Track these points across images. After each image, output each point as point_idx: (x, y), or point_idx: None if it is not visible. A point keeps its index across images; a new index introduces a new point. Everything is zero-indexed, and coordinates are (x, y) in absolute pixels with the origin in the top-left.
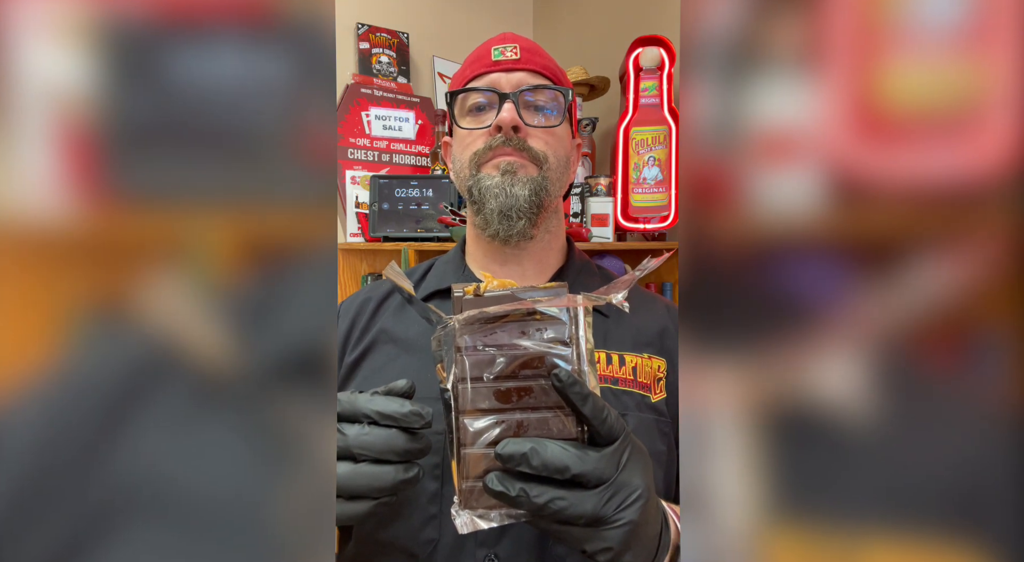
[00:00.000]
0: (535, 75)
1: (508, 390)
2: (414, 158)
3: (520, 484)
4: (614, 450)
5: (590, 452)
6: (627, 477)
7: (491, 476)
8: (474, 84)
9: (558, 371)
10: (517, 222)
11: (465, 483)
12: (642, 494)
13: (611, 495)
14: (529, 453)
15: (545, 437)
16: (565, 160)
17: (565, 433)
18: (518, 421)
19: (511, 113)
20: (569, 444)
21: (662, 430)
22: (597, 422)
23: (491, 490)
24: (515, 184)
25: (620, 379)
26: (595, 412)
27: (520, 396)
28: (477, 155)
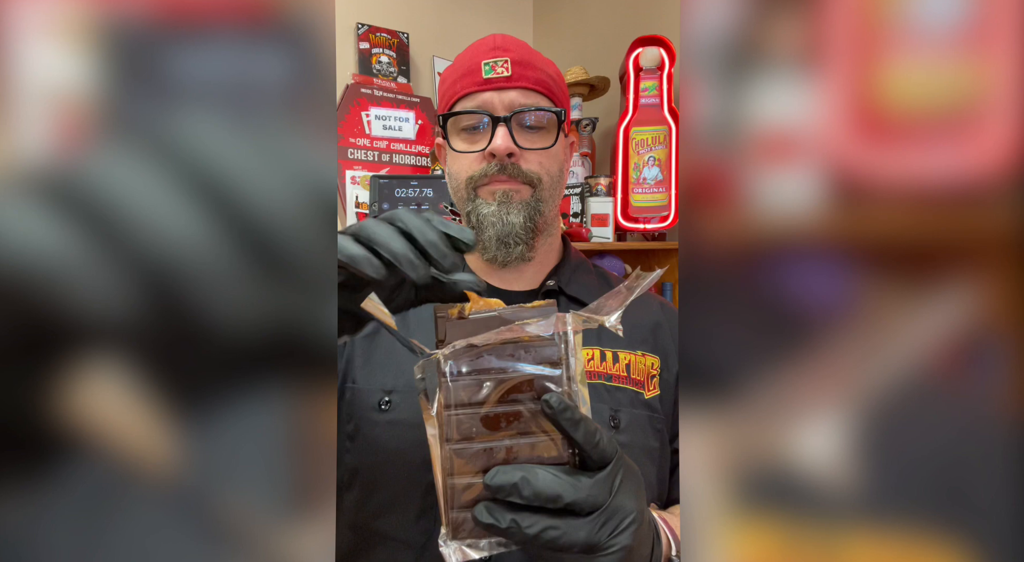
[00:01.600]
0: (528, 93)
1: (496, 416)
2: (414, 158)
3: (510, 515)
4: (607, 475)
5: (582, 479)
6: (620, 502)
7: (479, 508)
8: (465, 104)
9: (549, 397)
10: (515, 248)
11: (453, 513)
12: (636, 518)
13: (604, 521)
14: (520, 483)
15: (535, 463)
16: (558, 174)
17: (555, 457)
18: (507, 447)
19: (505, 140)
20: (560, 470)
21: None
22: (589, 447)
23: (481, 523)
24: (510, 212)
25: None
26: (587, 437)
27: (508, 422)
28: (473, 180)
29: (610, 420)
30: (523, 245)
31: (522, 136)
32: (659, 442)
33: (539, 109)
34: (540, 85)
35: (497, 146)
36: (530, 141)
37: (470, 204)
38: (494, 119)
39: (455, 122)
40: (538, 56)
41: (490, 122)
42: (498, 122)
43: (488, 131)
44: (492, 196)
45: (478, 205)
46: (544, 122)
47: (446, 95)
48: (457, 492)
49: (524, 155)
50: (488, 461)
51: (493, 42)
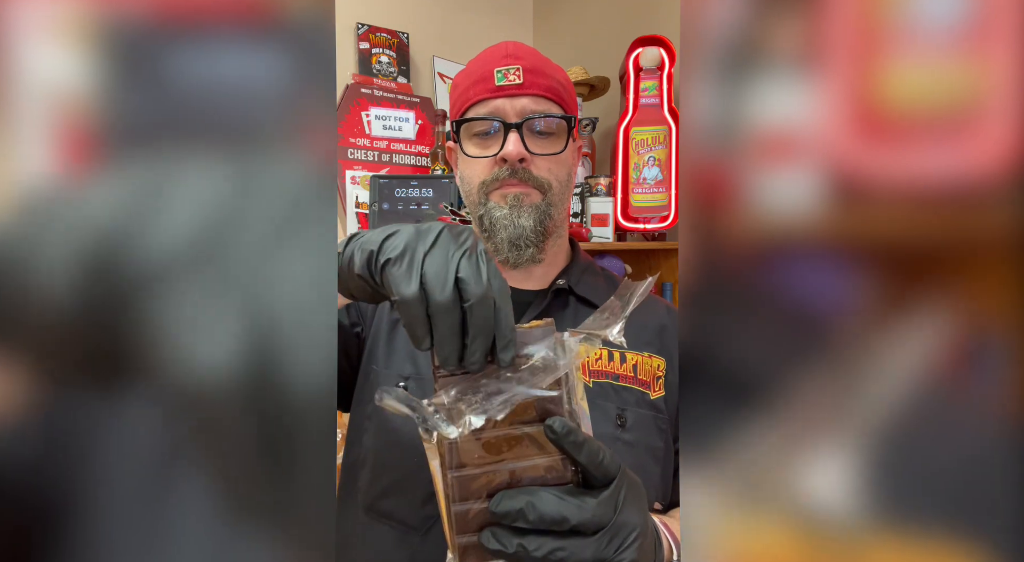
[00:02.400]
0: (539, 100)
1: (498, 440)
2: (414, 158)
3: (517, 539)
4: (611, 493)
5: (587, 499)
6: (625, 518)
7: (486, 534)
8: (477, 110)
9: (552, 422)
10: (526, 250)
11: (459, 538)
12: (640, 532)
13: (610, 539)
14: (525, 508)
15: (539, 484)
16: (567, 178)
17: (559, 477)
18: (510, 471)
19: (516, 146)
20: (564, 491)
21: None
22: (593, 467)
23: (488, 549)
24: (521, 215)
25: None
26: (591, 457)
27: (511, 445)
28: (485, 185)
29: (616, 418)
30: (534, 247)
31: (533, 142)
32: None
33: (549, 116)
34: (551, 92)
35: (509, 152)
36: (540, 147)
37: (482, 208)
38: (506, 125)
39: (468, 128)
40: (549, 63)
41: (502, 128)
42: (510, 128)
43: (500, 136)
44: (504, 200)
45: (490, 208)
46: (554, 128)
47: (459, 101)
48: (462, 518)
49: (535, 160)
50: (492, 486)
51: (505, 50)
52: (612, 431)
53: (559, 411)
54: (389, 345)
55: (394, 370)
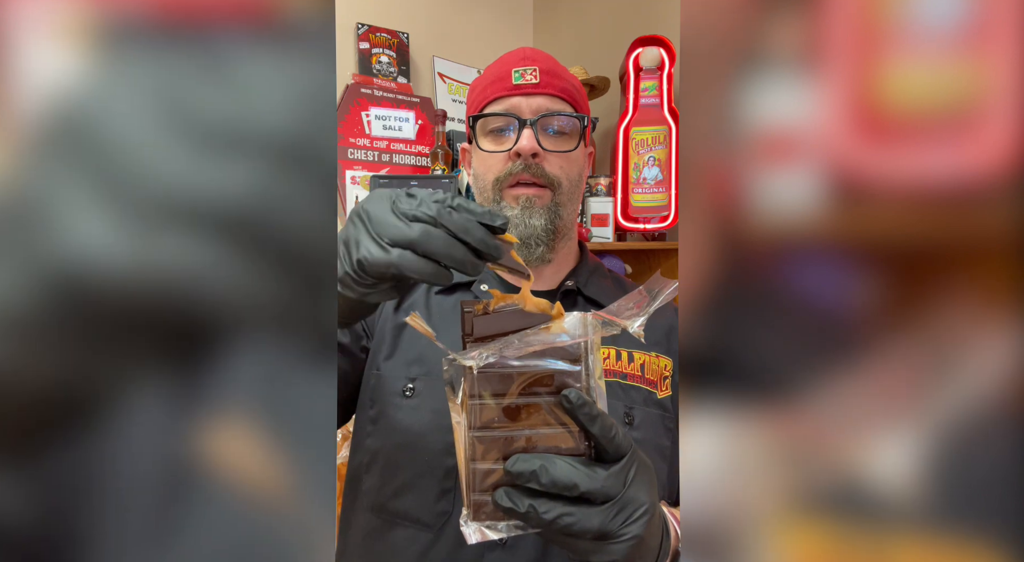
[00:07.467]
0: (554, 100)
1: (517, 407)
2: (414, 158)
3: (529, 500)
4: (621, 467)
5: (598, 470)
6: (633, 493)
7: (500, 492)
8: (494, 107)
9: (568, 393)
10: (536, 249)
11: (474, 495)
12: (648, 510)
13: (617, 511)
14: (539, 471)
15: (553, 452)
16: (577, 179)
17: (573, 449)
18: (527, 437)
19: (530, 141)
20: (577, 461)
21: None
22: (605, 441)
23: (500, 506)
24: (532, 215)
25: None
26: (604, 431)
27: (529, 413)
28: (499, 181)
29: (624, 417)
30: (544, 246)
31: (546, 140)
32: (670, 441)
33: (563, 114)
34: (565, 93)
35: (522, 146)
36: (553, 145)
37: (495, 206)
38: (520, 121)
39: (484, 124)
40: (564, 69)
41: (517, 125)
42: (524, 124)
43: (515, 134)
44: (516, 201)
45: (503, 208)
46: (567, 128)
47: (476, 100)
48: (479, 476)
49: (547, 157)
50: (509, 449)
51: (523, 53)
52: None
53: (577, 385)
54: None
55: (401, 373)
